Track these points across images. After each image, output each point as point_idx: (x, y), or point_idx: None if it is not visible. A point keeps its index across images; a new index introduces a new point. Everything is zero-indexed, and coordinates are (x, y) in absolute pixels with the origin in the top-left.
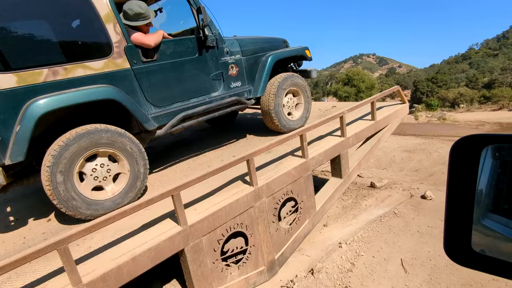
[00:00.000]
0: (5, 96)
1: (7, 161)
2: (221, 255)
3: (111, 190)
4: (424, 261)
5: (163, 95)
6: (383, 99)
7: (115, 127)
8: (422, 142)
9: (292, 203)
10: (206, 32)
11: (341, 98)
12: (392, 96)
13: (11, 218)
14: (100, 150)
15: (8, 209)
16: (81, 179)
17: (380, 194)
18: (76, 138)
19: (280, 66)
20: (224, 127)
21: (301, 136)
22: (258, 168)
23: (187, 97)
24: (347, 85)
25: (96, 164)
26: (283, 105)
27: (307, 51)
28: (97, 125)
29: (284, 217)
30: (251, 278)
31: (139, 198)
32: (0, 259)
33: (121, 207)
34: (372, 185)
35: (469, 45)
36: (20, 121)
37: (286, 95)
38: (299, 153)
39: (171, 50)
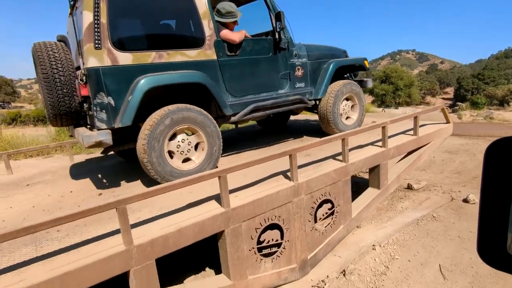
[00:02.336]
0: (123, 71)
1: (117, 125)
2: (257, 244)
3: (177, 163)
4: (465, 268)
5: (239, 87)
6: (422, 98)
7: (215, 122)
8: (466, 142)
9: (329, 205)
10: (281, 35)
11: (378, 96)
12: (433, 94)
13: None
14: (193, 127)
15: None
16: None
17: (418, 197)
18: (189, 108)
19: (339, 74)
20: (271, 130)
21: (343, 140)
22: (298, 168)
23: (258, 91)
24: (385, 82)
25: (186, 140)
26: (340, 109)
27: (365, 62)
28: (203, 110)
29: (320, 218)
30: (283, 273)
31: None
32: None
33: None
34: (409, 187)
35: None
36: (131, 92)
37: (343, 101)
38: (339, 158)
39: (250, 48)
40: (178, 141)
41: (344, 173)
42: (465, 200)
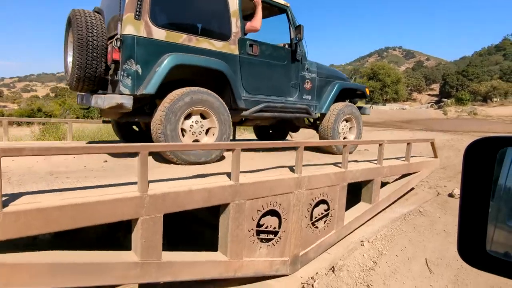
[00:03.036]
0: (155, 44)
1: (140, 91)
2: (257, 227)
3: (187, 142)
4: (450, 261)
5: (254, 85)
6: (409, 94)
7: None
8: (451, 138)
9: (325, 206)
10: (298, 47)
11: None
12: (419, 90)
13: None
14: (208, 111)
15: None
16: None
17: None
18: (208, 93)
19: (340, 97)
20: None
21: (344, 146)
22: None
23: (269, 93)
24: (372, 79)
25: (200, 122)
26: (339, 128)
27: (367, 89)
28: (220, 98)
29: (316, 217)
30: (275, 263)
31: None
32: (67, 174)
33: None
34: None
35: (504, 35)
36: (159, 64)
37: (343, 121)
38: (338, 165)
39: (269, 52)
40: (192, 122)
41: (342, 178)
42: (451, 195)
